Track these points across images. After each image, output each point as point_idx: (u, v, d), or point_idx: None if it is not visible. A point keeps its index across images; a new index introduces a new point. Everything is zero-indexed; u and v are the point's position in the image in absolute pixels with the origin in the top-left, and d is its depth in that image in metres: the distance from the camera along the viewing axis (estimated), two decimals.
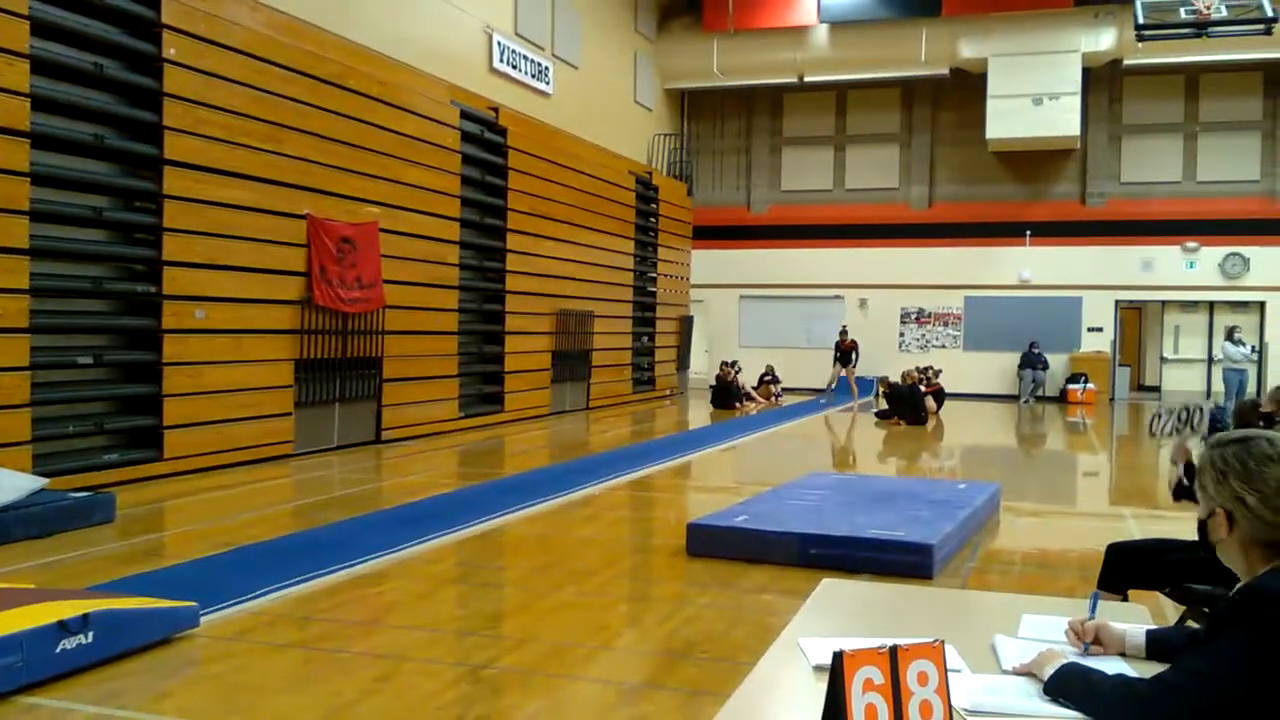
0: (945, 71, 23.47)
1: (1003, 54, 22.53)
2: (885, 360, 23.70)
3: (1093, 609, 2.71)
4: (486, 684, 4.40)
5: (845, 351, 21.66)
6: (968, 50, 22.85)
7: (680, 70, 24.69)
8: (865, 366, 24.16)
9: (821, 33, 23.75)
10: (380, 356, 13.12)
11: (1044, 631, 2.75)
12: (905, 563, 6.24)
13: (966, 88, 23.51)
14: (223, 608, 5.36)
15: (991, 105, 22.67)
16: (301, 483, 10.37)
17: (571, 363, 18.60)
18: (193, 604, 5.02)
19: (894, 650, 1.96)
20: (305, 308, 11.69)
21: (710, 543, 6.84)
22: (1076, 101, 22.30)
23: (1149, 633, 2.58)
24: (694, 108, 26.34)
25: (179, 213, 10.04)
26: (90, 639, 4.37)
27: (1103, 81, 23.49)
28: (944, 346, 24.71)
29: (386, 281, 12.96)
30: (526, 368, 16.95)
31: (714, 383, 21.59)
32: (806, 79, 24.34)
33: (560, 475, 10.65)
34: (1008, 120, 22.57)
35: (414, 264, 13.74)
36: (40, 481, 7.74)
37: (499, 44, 17.05)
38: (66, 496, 7.77)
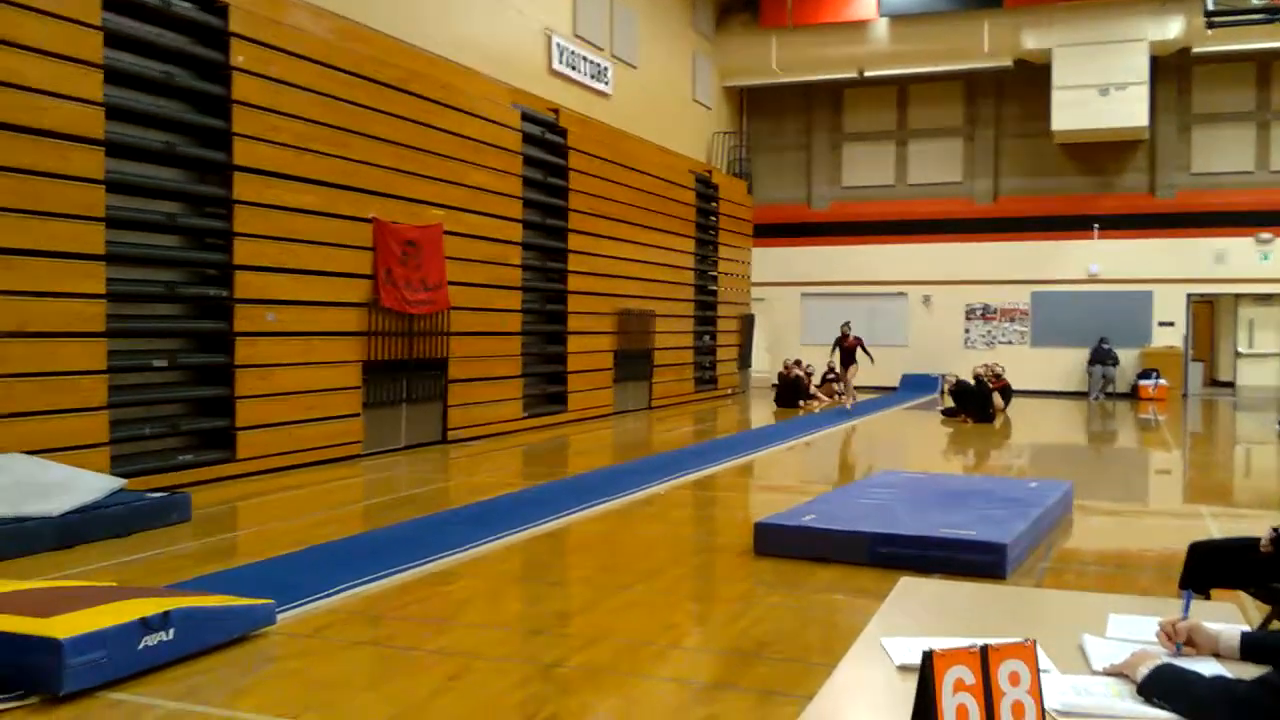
0: (1009, 63, 23.12)
1: (1067, 44, 22.13)
2: (950, 357, 23.40)
3: (1185, 609, 2.64)
4: (557, 682, 4.41)
5: (848, 351, 18.96)
6: (1031, 41, 22.48)
7: (739, 67, 24.60)
8: (930, 364, 23.92)
9: (881, 26, 23.51)
10: (445, 358, 13.23)
11: (1133, 631, 2.69)
12: (978, 562, 6.15)
13: (1030, 79, 23.13)
14: (297, 606, 5.43)
15: (1057, 96, 22.28)
16: (371, 483, 10.49)
17: (633, 362, 18.62)
18: (269, 602, 5.10)
19: (985, 650, 1.93)
20: (372, 310, 11.83)
21: (777, 542, 6.79)
22: (1144, 91, 21.84)
23: (1244, 634, 2.51)
24: (753, 105, 26.23)
25: (249, 218, 10.22)
26: (171, 636, 4.46)
27: (1171, 70, 22.96)
28: (1010, 343, 24.33)
29: (451, 283, 13.07)
30: (589, 367, 16.99)
31: (777, 381, 21.46)
32: (867, 74, 24.13)
33: (624, 474, 10.66)
34: (1073, 111, 22.17)
35: (477, 265, 13.84)
36: (119, 482, 7.91)
37: (558, 45, 17.11)
38: (144, 497, 7.94)
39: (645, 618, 5.48)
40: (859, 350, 18.82)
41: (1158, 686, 2.20)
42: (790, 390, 20.64)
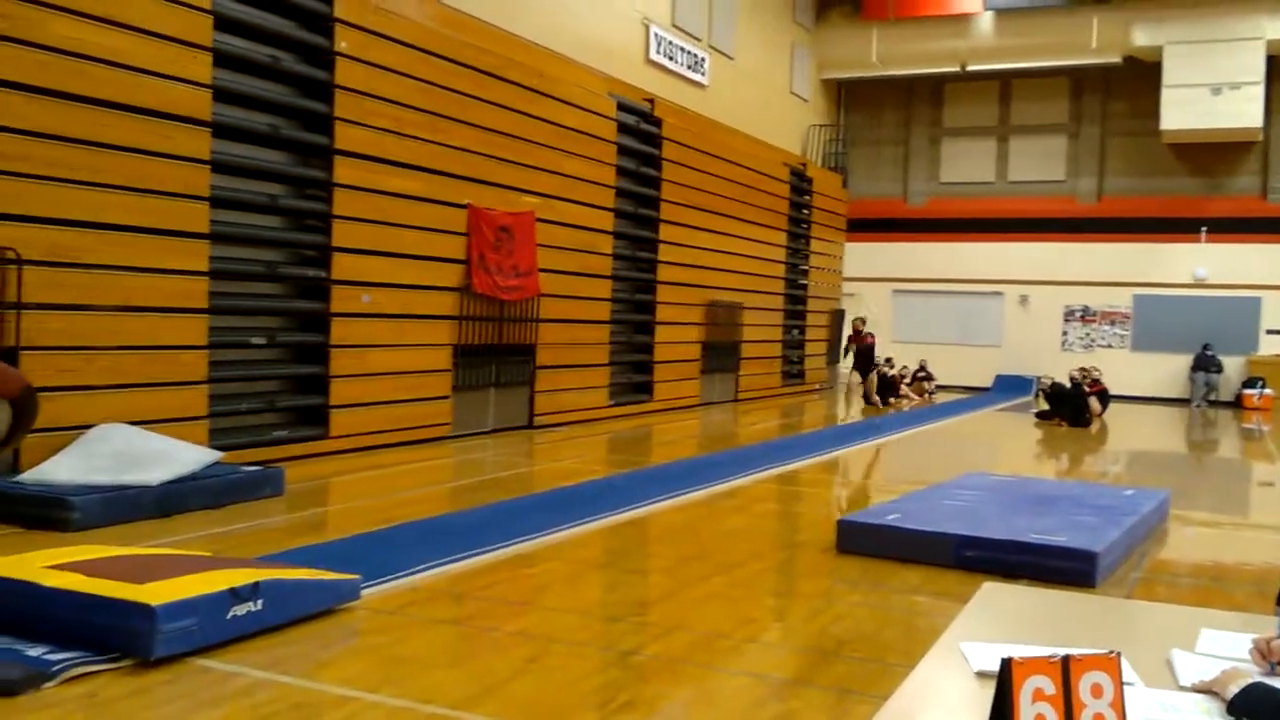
0: (1117, 59, 22.47)
1: (1180, 41, 21.43)
2: (1046, 359, 22.87)
3: None
4: (634, 670, 4.43)
5: (864, 352, 16.73)
6: (1142, 37, 21.81)
7: (838, 60, 24.33)
8: (1025, 365, 23.42)
9: (986, 20, 23.04)
10: (534, 344, 13.36)
11: (1225, 648, 2.60)
12: (1067, 569, 6.00)
13: (1140, 76, 22.45)
14: (382, 582, 5.54)
15: (1167, 95, 21.59)
16: (458, 464, 10.65)
17: (721, 354, 18.57)
18: (355, 577, 5.21)
19: (1066, 660, 1.88)
20: (464, 295, 11.99)
21: (860, 540, 6.72)
22: (1259, 91, 21.05)
23: None
24: (851, 98, 25.92)
25: (348, 201, 10.43)
26: (259, 607, 4.57)
27: None
28: (1110, 346, 23.70)
29: (542, 270, 13.18)
30: (676, 358, 17.00)
31: None
32: (969, 68, 23.66)
33: (708, 466, 10.65)
34: (1184, 110, 21.46)
35: (569, 253, 13.94)
36: (215, 455, 8.16)
37: (656, 35, 17.11)
38: (239, 470, 8.16)
39: (724, 610, 5.47)
40: (874, 352, 16.20)
41: (1247, 705, 2.12)
42: (879, 387, 20.39)
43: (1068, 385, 17.44)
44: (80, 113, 7.98)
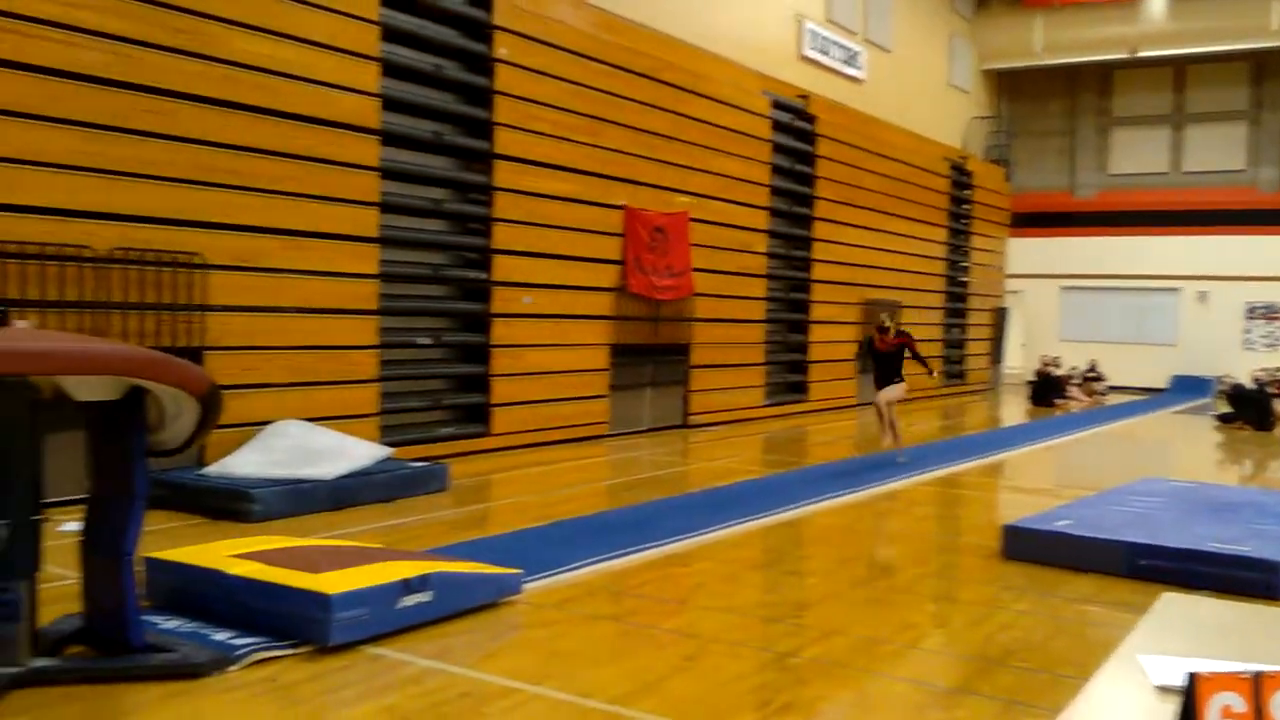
0: None
1: None
2: (1227, 359, 21.66)
3: None
4: (792, 672, 4.40)
5: (886, 357, 10.75)
6: None
7: (999, 49, 23.60)
8: (1203, 365, 22.23)
9: (1158, 3, 21.99)
10: (689, 343, 13.41)
11: None
12: (1250, 580, 5.68)
13: None
14: (543, 577, 5.65)
15: None
16: (614, 463, 10.78)
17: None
18: (518, 572, 5.33)
19: (1258, 677, 1.78)
20: (620, 295, 12.12)
21: (1028, 546, 6.50)
22: None
23: None
24: (1013, 88, 25.11)
25: (507, 204, 10.68)
26: (429, 598, 4.73)
27: None
28: None
29: (696, 270, 13.22)
30: (832, 358, 16.80)
31: (1034, 378, 20.51)
32: (1140, 54, 22.60)
33: (865, 468, 10.48)
34: None
35: (723, 253, 13.93)
36: (386, 451, 8.47)
37: (810, 31, 16.94)
38: (407, 466, 8.46)
39: (883, 615, 5.38)
40: (907, 353, 10.79)
41: None
42: (1047, 388, 19.69)
43: (1251, 387, 16.47)
44: (259, 124, 8.41)
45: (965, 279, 21.90)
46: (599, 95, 11.76)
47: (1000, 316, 23.51)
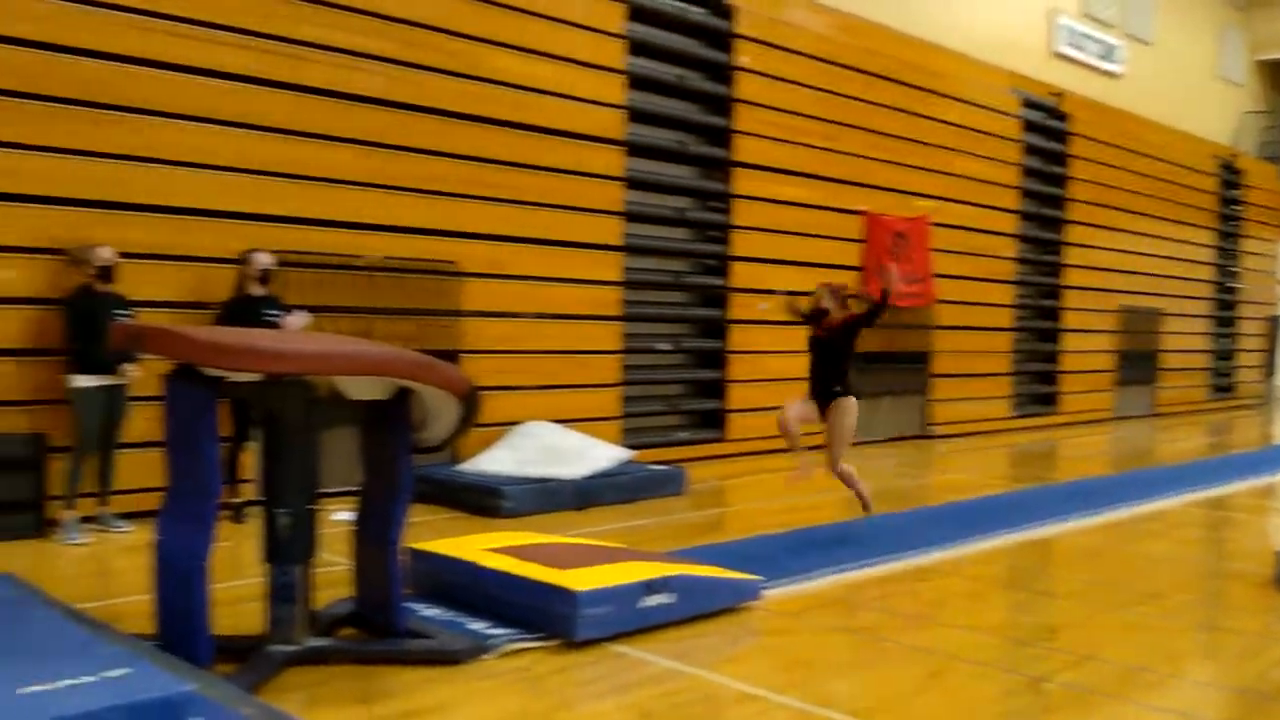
0: None
1: None
2: None
3: None
4: (1045, 697, 4.21)
5: (830, 345, 6.91)
6: None
7: (1275, 38, 21.75)
8: None
9: None
10: (930, 351, 13.06)
11: None
12: None
13: None
14: (781, 584, 5.64)
15: None
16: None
17: (1136, 364, 17.21)
18: (757, 579, 5.35)
19: None
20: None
21: None
22: None
23: None
24: None
25: (745, 211, 10.73)
26: (671, 600, 4.81)
27: None
28: None
29: (938, 276, 12.86)
30: (1085, 368, 15.96)
31: None
32: None
33: (1121, 485, 9.90)
34: None
35: (966, 258, 13.50)
36: (627, 453, 8.69)
37: (1063, 26, 16.16)
38: (646, 469, 8.64)
39: (1143, 642, 5.07)
40: (848, 333, 6.96)
41: None
42: None
43: None
44: (514, 138, 8.81)
45: (1235, 286, 20.31)
46: (838, 99, 11.65)
47: (1274, 326, 21.68)
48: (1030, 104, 14.76)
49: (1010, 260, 14.40)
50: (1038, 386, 15.47)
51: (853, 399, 6.94)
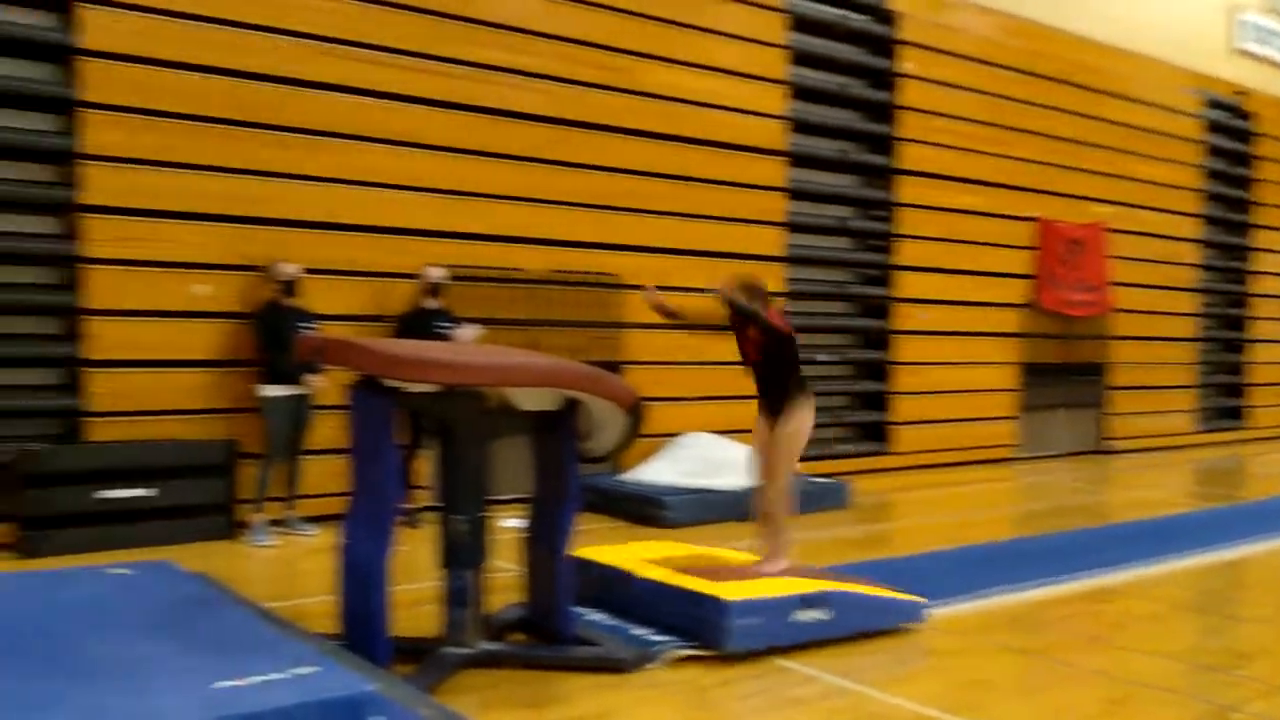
0: None
1: None
2: None
3: None
4: None
5: (763, 364, 5.73)
6: None
7: None
8: None
9: None
10: (1106, 363, 12.54)
11: None
12: None
13: None
14: (949, 602, 5.49)
15: None
16: (1023, 488, 10.28)
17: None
18: (922, 600, 5.20)
19: None
20: (1029, 311, 11.57)
21: None
22: None
23: None
24: None
25: (910, 219, 10.53)
26: (828, 616, 4.74)
27: None
28: None
29: (1115, 284, 12.34)
30: (1276, 380, 15.02)
31: None
32: None
33: None
34: None
35: (1145, 265, 12.91)
36: None
37: (1245, 22, 15.27)
38: (808, 481, 8.52)
39: None
40: (769, 343, 5.75)
41: None
42: None
43: None
44: (673, 151, 8.89)
45: None
46: (1005, 103, 11.32)
47: None
48: (1212, 103, 14.02)
49: (1193, 267, 13.69)
50: (1224, 399, 14.64)
51: (805, 414, 5.65)
